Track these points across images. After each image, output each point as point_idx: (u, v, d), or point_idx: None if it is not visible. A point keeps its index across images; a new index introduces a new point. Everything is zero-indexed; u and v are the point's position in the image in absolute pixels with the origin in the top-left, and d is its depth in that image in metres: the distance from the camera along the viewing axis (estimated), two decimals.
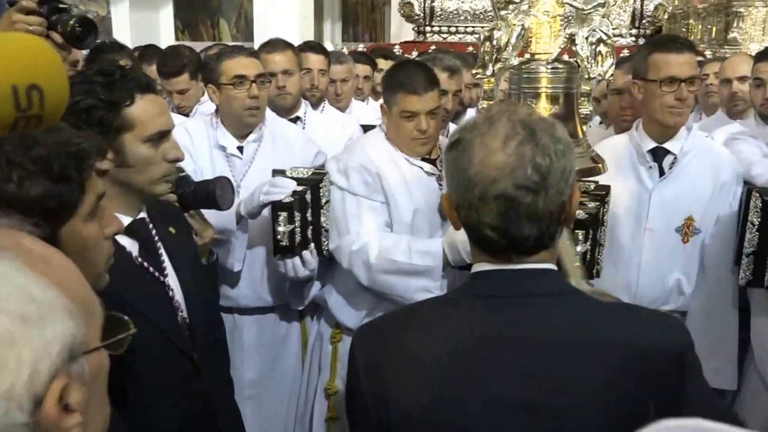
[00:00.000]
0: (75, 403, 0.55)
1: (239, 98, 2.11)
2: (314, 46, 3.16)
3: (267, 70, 2.36)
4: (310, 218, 1.90)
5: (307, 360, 2.31)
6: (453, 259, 1.78)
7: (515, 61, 1.56)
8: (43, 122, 1.13)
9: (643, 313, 1.03)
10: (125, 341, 0.71)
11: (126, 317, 0.71)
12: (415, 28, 7.75)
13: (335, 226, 1.97)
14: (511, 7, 1.53)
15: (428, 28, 7.62)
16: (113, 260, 1.03)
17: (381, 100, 2.10)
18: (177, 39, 8.31)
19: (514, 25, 1.52)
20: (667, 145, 2.02)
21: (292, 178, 1.89)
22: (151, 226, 1.40)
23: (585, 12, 1.51)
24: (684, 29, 8.16)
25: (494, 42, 1.55)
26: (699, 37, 7.85)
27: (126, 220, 1.33)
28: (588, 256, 1.67)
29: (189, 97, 3.10)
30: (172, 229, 1.46)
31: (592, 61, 1.50)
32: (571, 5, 1.52)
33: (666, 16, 7.33)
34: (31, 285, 0.55)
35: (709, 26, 7.45)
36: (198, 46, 6.78)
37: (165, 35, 8.16)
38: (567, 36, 1.52)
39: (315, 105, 2.84)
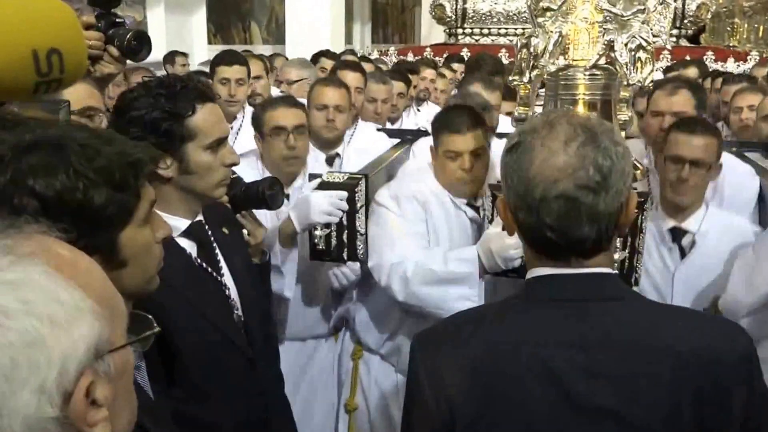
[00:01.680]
0: (101, 398, 0.59)
1: (277, 148, 2.18)
2: (351, 64, 3.21)
3: (320, 102, 2.48)
4: (345, 222, 1.92)
5: (333, 374, 2.35)
6: (489, 265, 1.78)
7: (552, 68, 1.56)
8: (63, 85, 1.16)
9: (706, 318, 1.06)
10: (150, 339, 0.74)
11: (149, 316, 0.75)
12: (447, 30, 7.73)
13: (376, 244, 2.00)
14: (548, 14, 1.52)
15: (460, 30, 7.59)
16: (175, 261, 1.11)
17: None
18: (209, 42, 8.44)
19: (552, 32, 1.51)
20: (684, 225, 1.98)
21: (328, 182, 1.91)
22: (207, 227, 1.46)
23: (624, 18, 1.50)
24: (729, 28, 8.00)
25: (531, 49, 1.54)
26: (745, 36, 7.69)
27: (185, 223, 1.40)
28: (626, 263, 1.65)
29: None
30: (225, 230, 1.52)
31: (631, 68, 1.48)
32: (610, 12, 1.51)
33: (709, 16, 7.18)
34: (59, 289, 0.58)
35: (756, 25, 7.30)
36: (230, 48, 6.87)
37: (198, 39, 8.28)
38: (606, 43, 1.51)
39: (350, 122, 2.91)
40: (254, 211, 1.85)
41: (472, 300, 1.82)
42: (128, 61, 1.67)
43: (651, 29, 1.49)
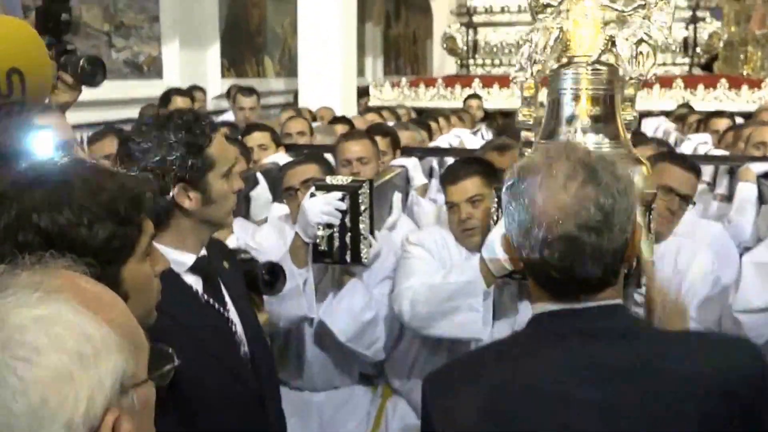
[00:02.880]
0: None
1: (293, 208, 2.22)
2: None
3: (344, 157, 2.55)
4: (348, 224, 1.91)
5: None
6: (495, 268, 1.76)
7: (554, 64, 1.56)
8: (25, 109, 1.15)
9: (719, 339, 1.04)
10: (170, 373, 0.76)
11: (170, 349, 0.77)
12: (458, 62, 7.79)
13: (397, 279, 2.02)
14: (548, 10, 1.53)
15: (471, 62, 7.64)
16: (182, 298, 1.15)
17: None
18: (223, 76, 8.56)
19: (552, 28, 1.52)
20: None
21: (332, 185, 1.91)
22: (211, 262, 1.46)
23: (625, 14, 1.50)
24: (742, 56, 8.03)
25: (532, 45, 1.55)
26: (759, 64, 7.72)
27: (191, 258, 1.41)
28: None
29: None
30: (225, 264, 1.53)
31: (633, 62, 1.49)
32: (611, 8, 1.51)
33: (721, 44, 7.21)
34: (86, 324, 0.59)
35: None
36: (243, 82, 6.97)
37: (212, 73, 8.41)
38: (607, 38, 1.51)
39: None
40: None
41: (477, 310, 1.78)
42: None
43: (652, 24, 1.50)
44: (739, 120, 4.52)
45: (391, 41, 11.17)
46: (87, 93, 1.74)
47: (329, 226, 1.88)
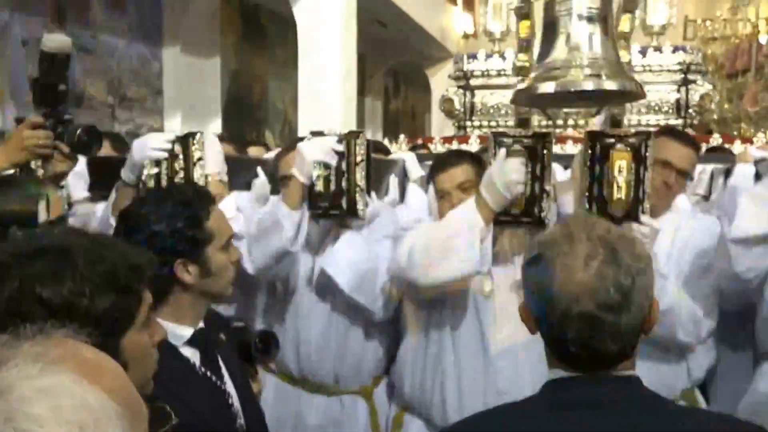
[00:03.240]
0: None
1: None
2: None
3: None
4: (344, 170, 1.88)
5: None
6: (493, 200, 1.69)
7: None
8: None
9: (733, 421, 1.05)
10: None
11: (168, 408, 0.81)
12: (455, 124, 7.92)
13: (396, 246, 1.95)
14: None
15: (468, 123, 7.75)
16: (180, 372, 1.18)
17: None
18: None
19: None
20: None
21: (329, 134, 1.90)
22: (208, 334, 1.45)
23: None
24: (735, 133, 8.20)
25: None
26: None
27: (189, 331, 1.42)
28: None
29: None
30: (222, 336, 1.54)
31: None
32: None
33: (713, 105, 7.34)
34: (87, 394, 0.60)
35: (763, 130, 7.48)
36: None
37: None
38: None
39: None
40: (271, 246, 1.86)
41: (476, 247, 1.72)
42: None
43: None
44: None
45: (391, 115, 11.44)
46: None
47: (326, 166, 1.85)
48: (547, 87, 1.77)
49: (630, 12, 1.55)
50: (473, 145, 6.72)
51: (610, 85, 1.69)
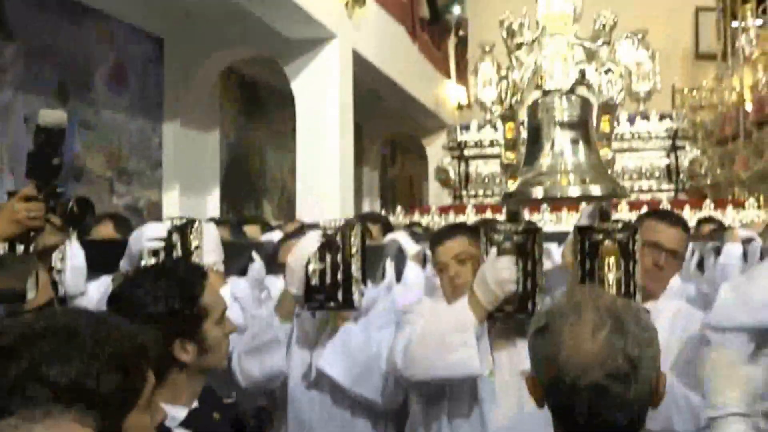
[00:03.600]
0: None
1: None
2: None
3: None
4: (340, 262, 1.89)
5: None
6: (486, 299, 1.70)
7: (531, 96, 1.63)
8: None
9: None
10: None
11: None
12: (451, 194, 8.01)
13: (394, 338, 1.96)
14: (523, 48, 1.63)
15: (464, 192, 7.83)
16: None
17: None
18: None
19: (527, 64, 1.61)
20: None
21: (324, 227, 1.92)
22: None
23: (592, 49, 1.60)
24: (730, 197, 8.30)
25: (510, 81, 1.63)
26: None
27: (184, 411, 1.40)
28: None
29: None
30: (216, 415, 1.49)
31: (603, 89, 1.56)
32: (580, 44, 1.61)
33: (703, 171, 7.47)
34: None
35: (756, 194, 7.58)
36: None
37: (211, 216, 8.63)
38: (578, 71, 1.60)
39: None
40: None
41: (471, 346, 1.71)
42: None
43: (618, 59, 1.60)
44: None
45: (388, 184, 11.57)
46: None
47: (322, 259, 1.86)
48: (536, 192, 1.85)
49: (609, 114, 1.64)
50: (470, 215, 6.80)
51: (594, 190, 1.76)
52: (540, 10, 1.55)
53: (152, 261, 1.95)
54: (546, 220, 5.61)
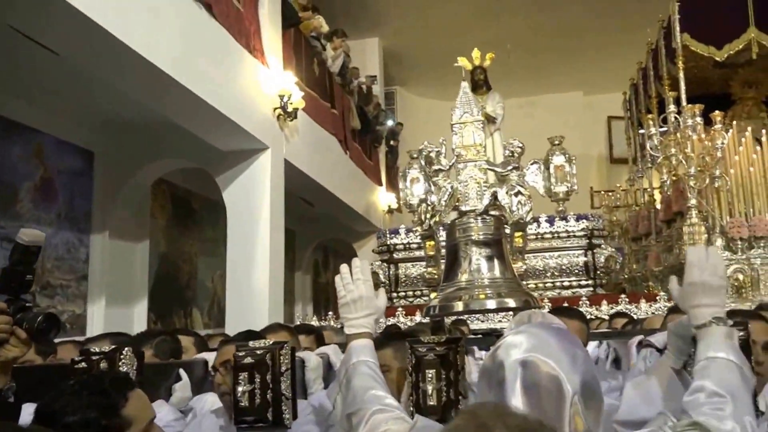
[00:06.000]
0: None
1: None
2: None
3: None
4: (270, 382, 1.90)
5: None
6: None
7: (448, 217, 1.77)
8: None
9: None
10: None
11: None
12: None
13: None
14: (440, 174, 1.78)
15: (395, 294, 7.94)
16: None
17: None
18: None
19: (444, 188, 1.76)
20: None
21: (253, 348, 1.93)
22: None
23: (503, 173, 1.77)
24: (645, 291, 8.71)
25: (428, 203, 1.76)
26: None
27: None
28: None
29: None
30: None
31: (514, 209, 1.71)
32: (491, 170, 1.78)
33: (617, 267, 7.85)
34: None
35: (668, 288, 8.02)
36: None
37: (138, 327, 8.34)
38: (491, 194, 1.75)
39: None
40: None
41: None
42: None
43: (527, 182, 1.77)
44: None
45: (321, 289, 11.54)
46: None
47: (251, 381, 1.87)
48: (456, 306, 1.96)
49: (521, 231, 1.80)
50: (399, 317, 6.86)
51: (509, 302, 1.89)
52: (455, 139, 1.72)
53: None
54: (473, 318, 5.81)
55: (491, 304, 1.93)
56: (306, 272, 11.82)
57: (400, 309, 6.94)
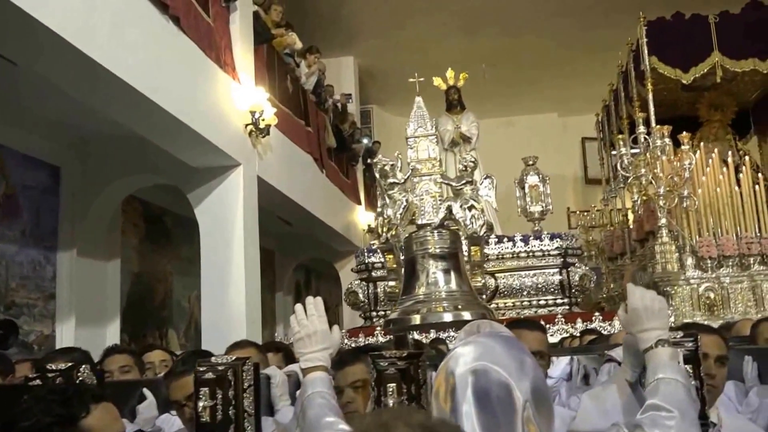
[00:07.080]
0: None
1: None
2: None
3: None
4: (231, 398, 1.86)
5: None
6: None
7: (404, 230, 1.75)
8: None
9: None
10: None
11: None
12: (361, 315, 8.01)
13: None
14: (396, 188, 1.76)
15: (374, 313, 7.87)
16: None
17: None
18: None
19: (400, 201, 1.74)
20: None
21: (215, 363, 1.90)
22: None
23: (457, 188, 1.75)
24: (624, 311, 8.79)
25: (385, 217, 1.74)
26: None
27: None
28: None
29: None
30: None
31: (468, 223, 1.70)
32: (445, 184, 1.76)
33: (592, 285, 7.88)
34: None
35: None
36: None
37: None
38: (446, 207, 1.73)
39: None
40: None
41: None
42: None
43: (480, 196, 1.76)
44: None
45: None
46: None
47: (212, 397, 1.83)
48: (414, 320, 1.96)
49: (477, 245, 1.81)
50: (378, 336, 6.82)
51: (465, 315, 1.88)
52: (410, 153, 1.71)
53: None
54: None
55: (448, 317, 1.92)
56: (287, 293, 11.72)
57: (378, 328, 6.90)
